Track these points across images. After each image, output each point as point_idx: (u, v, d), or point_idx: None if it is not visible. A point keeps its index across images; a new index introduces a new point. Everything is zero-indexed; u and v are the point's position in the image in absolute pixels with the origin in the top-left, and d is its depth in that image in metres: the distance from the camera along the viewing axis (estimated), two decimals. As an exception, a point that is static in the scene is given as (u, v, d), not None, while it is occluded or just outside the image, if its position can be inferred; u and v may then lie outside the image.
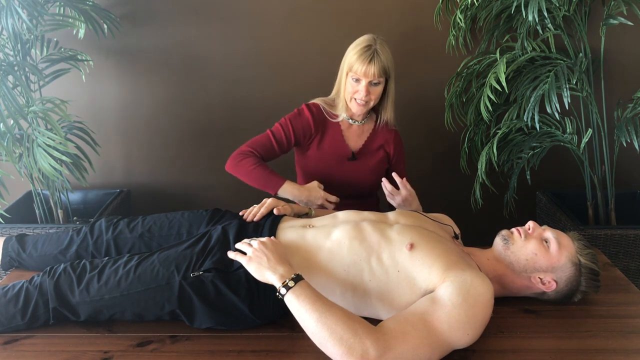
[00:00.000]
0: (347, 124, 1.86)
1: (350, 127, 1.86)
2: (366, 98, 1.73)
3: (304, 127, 1.83)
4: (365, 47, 1.70)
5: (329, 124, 1.85)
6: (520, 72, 2.14)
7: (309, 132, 1.83)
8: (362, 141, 1.87)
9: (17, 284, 1.28)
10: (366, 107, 1.77)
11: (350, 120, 1.85)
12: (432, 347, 1.07)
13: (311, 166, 1.86)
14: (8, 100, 1.80)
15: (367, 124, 1.88)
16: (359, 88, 1.72)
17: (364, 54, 1.69)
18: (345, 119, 1.85)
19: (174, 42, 2.34)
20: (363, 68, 1.68)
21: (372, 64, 1.68)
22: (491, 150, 2.04)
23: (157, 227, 1.48)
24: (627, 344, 1.19)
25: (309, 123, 1.83)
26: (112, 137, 2.46)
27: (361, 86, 1.72)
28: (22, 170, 2.03)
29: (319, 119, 1.84)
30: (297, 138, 1.84)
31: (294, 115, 1.84)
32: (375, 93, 1.75)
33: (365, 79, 1.70)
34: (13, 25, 1.86)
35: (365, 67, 1.68)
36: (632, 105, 2.00)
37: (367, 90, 1.72)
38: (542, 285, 1.29)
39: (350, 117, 1.85)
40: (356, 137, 1.87)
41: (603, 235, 2.03)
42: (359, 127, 1.87)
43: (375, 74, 1.69)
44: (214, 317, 1.23)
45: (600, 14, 2.17)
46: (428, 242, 1.25)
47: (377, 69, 1.68)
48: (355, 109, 1.78)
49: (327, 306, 1.08)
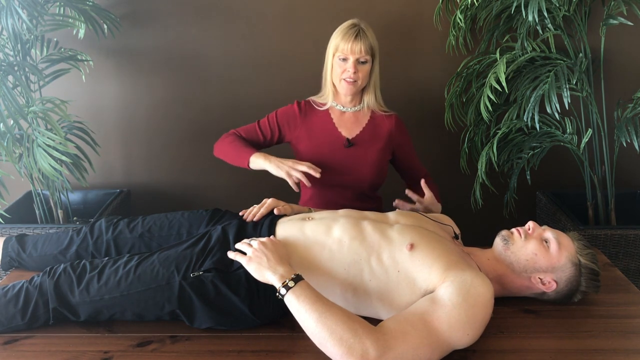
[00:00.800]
0: (337, 112, 1.86)
1: (343, 115, 1.85)
2: (354, 76, 1.73)
3: (289, 116, 1.86)
4: (349, 26, 1.74)
5: (316, 113, 1.87)
6: (520, 72, 2.14)
7: (293, 121, 1.86)
8: (359, 128, 1.84)
9: (17, 284, 1.28)
10: (355, 87, 1.76)
11: (342, 108, 1.85)
12: (432, 347, 1.07)
13: (307, 158, 1.83)
14: (8, 100, 1.80)
15: (363, 112, 1.86)
16: (346, 67, 1.73)
17: (348, 31, 1.72)
18: (334, 105, 1.85)
19: (174, 42, 2.34)
20: (349, 45, 1.70)
21: (357, 41, 1.70)
22: (491, 150, 2.04)
23: (157, 227, 1.48)
24: (627, 344, 1.19)
25: (295, 113, 1.86)
26: (112, 137, 2.46)
27: (349, 64, 1.72)
28: (22, 170, 2.03)
29: (306, 109, 1.87)
30: (281, 127, 1.86)
31: (282, 108, 1.89)
32: (364, 72, 1.75)
33: (352, 56, 1.71)
34: (13, 25, 1.86)
35: (351, 43, 1.70)
36: (632, 105, 2.00)
37: (355, 67, 1.72)
38: (542, 285, 1.29)
39: (340, 104, 1.85)
40: (351, 124, 1.85)
41: (603, 235, 2.03)
42: (353, 114, 1.86)
43: (362, 50, 1.70)
44: (214, 317, 1.23)
45: (600, 14, 2.17)
46: (428, 242, 1.25)
47: (364, 46, 1.70)
48: (345, 89, 1.77)
49: (327, 306, 1.08)
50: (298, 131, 1.85)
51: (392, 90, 2.34)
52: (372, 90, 1.83)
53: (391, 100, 2.14)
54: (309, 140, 1.84)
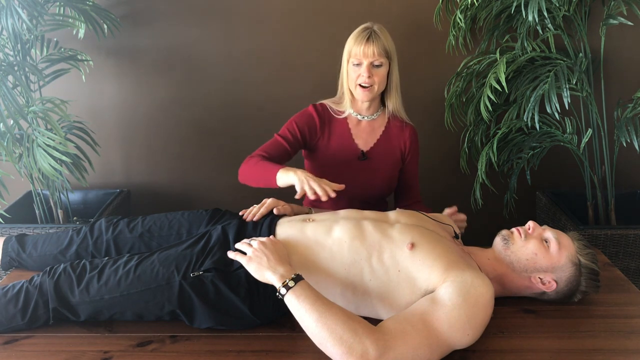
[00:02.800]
0: (355, 121, 1.79)
1: (359, 124, 1.80)
2: (370, 81, 1.67)
3: (309, 125, 1.78)
4: (362, 29, 1.69)
5: (335, 121, 1.80)
6: (520, 72, 2.14)
7: (314, 129, 1.78)
8: (373, 140, 1.80)
9: (17, 284, 1.27)
10: (371, 93, 1.70)
11: (359, 116, 1.79)
12: (432, 347, 1.07)
13: (319, 169, 1.80)
14: (8, 100, 1.80)
15: (379, 121, 1.81)
16: (360, 72, 1.67)
17: (360, 35, 1.67)
18: (352, 113, 1.79)
19: (174, 42, 2.34)
20: (361, 48, 1.65)
21: (370, 43, 1.64)
22: (491, 150, 2.04)
23: (157, 227, 1.48)
24: (627, 344, 1.19)
25: (314, 120, 1.78)
26: (112, 137, 2.46)
27: (363, 69, 1.66)
28: (22, 170, 2.03)
29: (325, 116, 1.80)
30: (304, 135, 1.77)
31: (298, 115, 1.80)
32: (379, 75, 1.68)
33: (366, 59, 1.66)
34: (13, 25, 1.86)
35: (363, 46, 1.65)
36: (632, 105, 2.00)
37: (369, 71, 1.66)
38: (542, 285, 1.29)
39: (358, 112, 1.79)
40: (366, 134, 1.79)
41: (603, 235, 2.03)
42: (369, 123, 1.80)
43: (375, 52, 1.64)
44: (214, 317, 1.23)
45: (600, 14, 2.17)
46: (429, 241, 1.25)
47: (377, 48, 1.64)
48: (361, 96, 1.71)
49: (327, 306, 1.08)
50: (317, 137, 1.79)
51: (392, 90, 2.35)
52: (394, 94, 1.76)
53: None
54: (326, 149, 1.79)
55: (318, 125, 1.78)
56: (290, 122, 1.79)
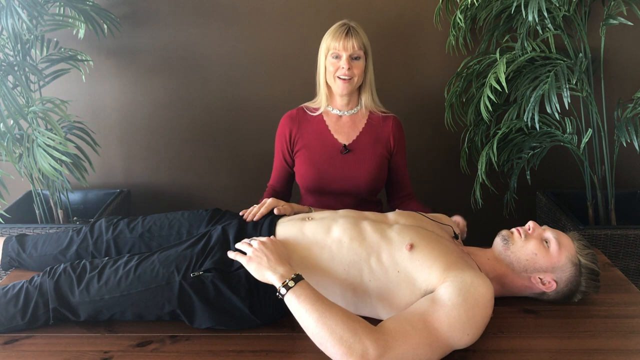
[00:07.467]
0: (334, 117, 1.83)
1: (340, 120, 1.83)
2: (349, 72, 1.72)
3: (286, 136, 1.85)
4: (339, 25, 1.75)
5: (310, 119, 1.85)
6: (520, 72, 2.14)
7: (291, 137, 1.84)
8: (355, 133, 1.82)
9: (17, 284, 1.28)
10: (351, 85, 1.75)
11: (339, 112, 1.83)
12: (432, 347, 1.07)
13: (304, 168, 1.81)
14: (8, 100, 1.80)
15: (359, 115, 1.84)
16: (340, 64, 1.73)
17: (338, 30, 1.73)
18: (330, 110, 1.83)
19: (174, 42, 2.34)
20: (341, 42, 1.71)
21: (349, 37, 1.71)
22: (491, 150, 2.04)
23: (157, 227, 1.48)
24: (627, 344, 1.19)
25: (288, 129, 1.84)
26: (112, 137, 2.46)
27: (343, 61, 1.72)
28: (22, 170, 2.03)
29: (298, 119, 1.85)
30: (286, 147, 1.85)
31: (277, 131, 1.89)
32: (358, 68, 1.74)
33: (345, 52, 1.71)
34: (13, 25, 1.86)
35: (343, 40, 1.71)
36: (632, 105, 2.00)
37: (348, 63, 1.71)
38: (542, 285, 1.29)
39: (337, 108, 1.83)
40: (348, 129, 1.83)
41: (603, 235, 2.03)
42: (350, 118, 1.83)
43: (355, 46, 1.71)
44: (214, 317, 1.23)
45: (600, 14, 2.17)
46: (428, 242, 1.25)
47: (356, 42, 1.71)
48: (341, 88, 1.75)
49: (327, 306, 1.08)
50: (296, 141, 1.84)
51: (392, 91, 2.35)
52: (368, 89, 1.81)
53: (391, 101, 2.14)
54: (305, 149, 1.82)
55: (293, 132, 1.84)
56: (276, 142, 1.89)
